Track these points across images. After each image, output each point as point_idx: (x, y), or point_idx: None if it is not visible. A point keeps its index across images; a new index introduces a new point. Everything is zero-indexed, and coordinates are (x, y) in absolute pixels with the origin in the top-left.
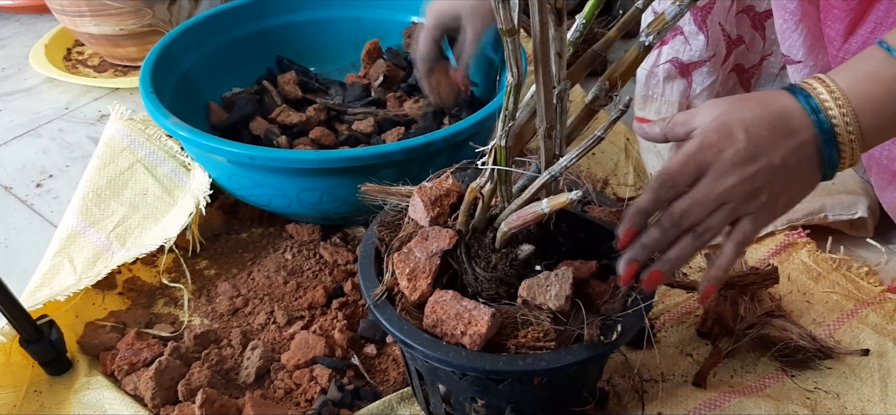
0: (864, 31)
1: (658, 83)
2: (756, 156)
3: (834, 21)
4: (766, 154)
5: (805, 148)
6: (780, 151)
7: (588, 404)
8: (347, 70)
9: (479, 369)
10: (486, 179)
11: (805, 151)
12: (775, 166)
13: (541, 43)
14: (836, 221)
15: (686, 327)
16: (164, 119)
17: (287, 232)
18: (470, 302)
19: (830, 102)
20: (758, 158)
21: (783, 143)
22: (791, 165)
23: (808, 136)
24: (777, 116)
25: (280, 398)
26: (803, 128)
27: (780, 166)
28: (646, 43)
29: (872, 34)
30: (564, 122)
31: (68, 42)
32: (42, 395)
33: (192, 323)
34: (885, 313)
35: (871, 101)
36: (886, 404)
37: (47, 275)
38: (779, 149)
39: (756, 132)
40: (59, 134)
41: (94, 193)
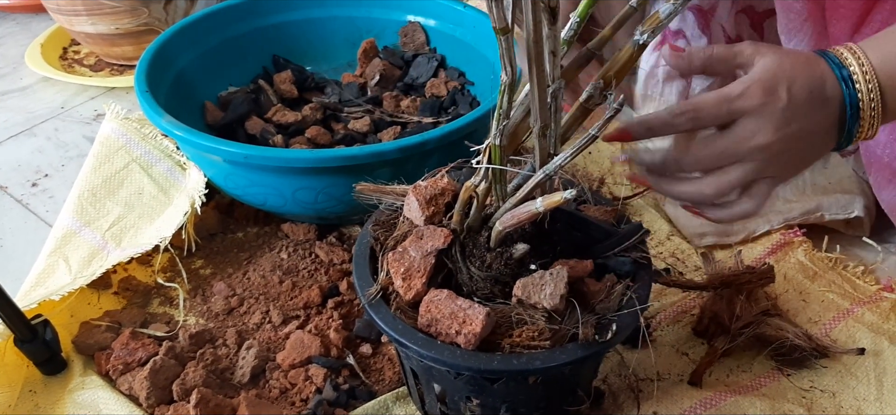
0: (869, 30)
1: (657, 83)
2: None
3: (840, 20)
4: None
5: (832, 118)
6: (814, 118)
7: (583, 403)
8: (343, 69)
9: (473, 369)
10: (481, 178)
11: (831, 122)
12: (805, 132)
13: (534, 42)
14: (832, 221)
15: (682, 326)
16: (159, 118)
17: (282, 231)
18: (465, 301)
19: (859, 75)
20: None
21: (818, 110)
22: (818, 136)
23: (836, 105)
24: (815, 83)
25: (275, 398)
26: (835, 97)
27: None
28: (640, 41)
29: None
30: (559, 121)
31: (64, 41)
32: (37, 395)
33: (187, 322)
34: (881, 312)
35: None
36: (882, 403)
37: (42, 274)
38: (813, 115)
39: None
40: (55, 133)
41: (90, 193)
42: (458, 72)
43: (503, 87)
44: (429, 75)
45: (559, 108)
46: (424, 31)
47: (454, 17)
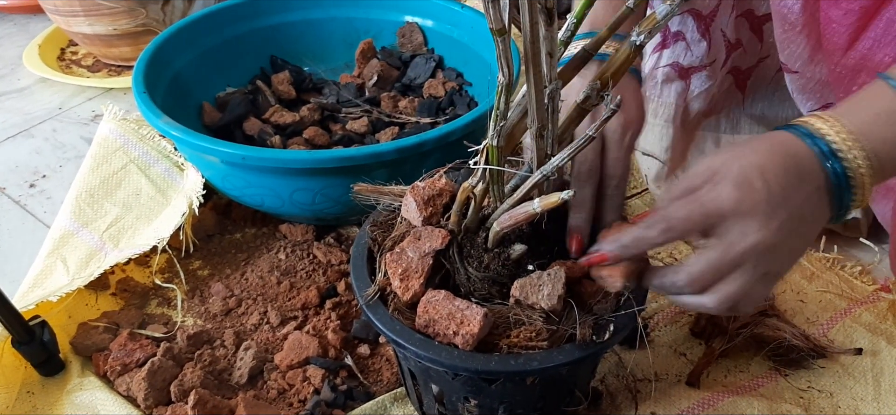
0: (863, 46)
1: (656, 85)
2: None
3: (833, 35)
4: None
5: (819, 192)
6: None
7: (581, 403)
8: (341, 70)
9: (471, 369)
10: (478, 178)
11: (819, 195)
12: (794, 217)
13: (531, 43)
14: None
15: (679, 327)
16: (157, 119)
17: (280, 232)
18: (462, 302)
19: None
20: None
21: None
22: (808, 213)
23: (820, 179)
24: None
25: (273, 399)
26: (815, 170)
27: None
28: (637, 42)
29: (871, 49)
30: (556, 121)
31: (62, 42)
32: (34, 396)
33: (185, 324)
34: (879, 312)
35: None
36: (879, 403)
37: (40, 276)
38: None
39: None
40: (53, 134)
41: (88, 194)
42: (456, 72)
43: (500, 88)
44: (426, 76)
45: (556, 108)
46: (422, 31)
47: (452, 17)
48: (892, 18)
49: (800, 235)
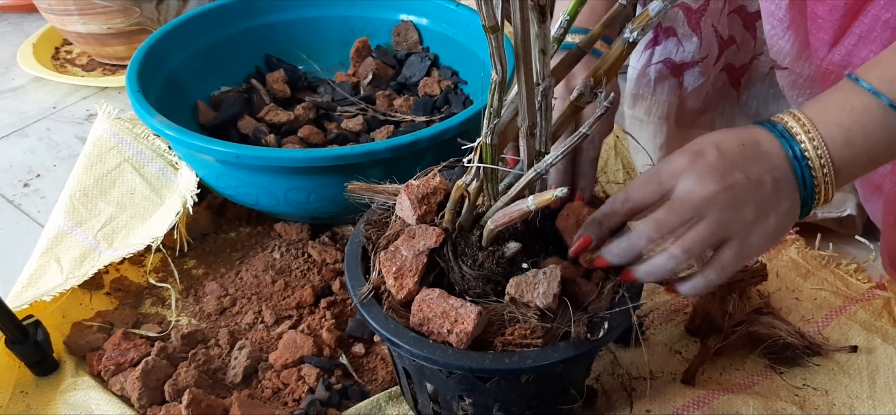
0: (848, 42)
1: (649, 83)
2: (733, 167)
3: (819, 31)
4: (742, 167)
5: (779, 169)
6: (755, 168)
7: (576, 402)
8: (336, 68)
9: (465, 368)
10: (472, 176)
11: (780, 172)
12: (753, 181)
13: (522, 41)
14: (824, 219)
15: (675, 325)
16: (151, 118)
17: (275, 231)
18: (456, 300)
19: (799, 130)
20: (734, 169)
21: (757, 162)
22: (767, 183)
23: (779, 158)
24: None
25: (267, 398)
26: (774, 151)
27: (758, 182)
28: (630, 39)
29: (856, 46)
30: (549, 119)
31: (56, 41)
32: (28, 396)
33: (179, 323)
34: (874, 309)
35: (841, 129)
36: (875, 400)
37: (34, 275)
38: (754, 166)
39: (729, 148)
40: (47, 133)
41: (82, 193)
42: (451, 71)
43: (494, 86)
44: (422, 74)
45: (549, 106)
46: (417, 29)
47: (447, 16)
48: (877, 15)
49: (762, 204)
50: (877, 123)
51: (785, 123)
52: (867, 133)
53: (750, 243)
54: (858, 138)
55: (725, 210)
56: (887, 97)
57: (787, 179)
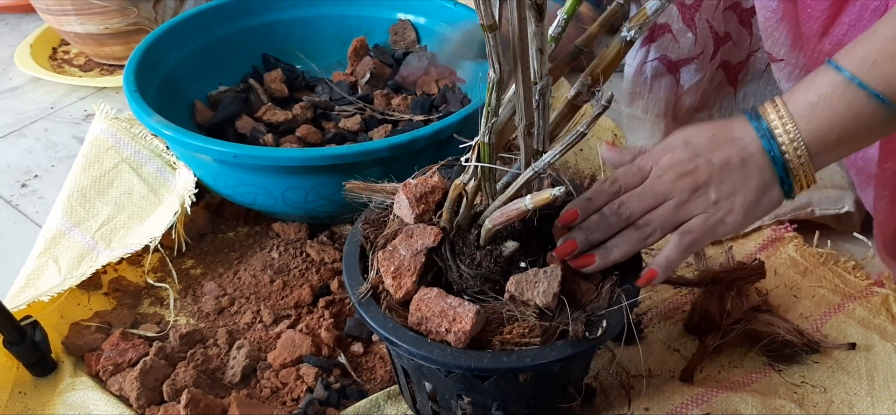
0: (838, 32)
1: (646, 80)
2: (694, 156)
3: (809, 20)
4: (705, 154)
5: (747, 150)
6: (720, 152)
7: (574, 400)
8: (334, 68)
9: (463, 367)
10: (470, 175)
11: (748, 152)
12: (715, 163)
13: (519, 39)
14: (822, 216)
15: (673, 323)
16: (148, 118)
17: (273, 231)
18: (454, 299)
19: (771, 112)
20: (696, 158)
21: (723, 146)
22: (734, 163)
23: (748, 139)
24: (720, 130)
25: (266, 398)
26: (745, 134)
27: (721, 164)
28: (628, 38)
29: (846, 35)
30: (547, 118)
31: (54, 41)
32: (26, 396)
33: (177, 323)
34: (872, 306)
35: (808, 106)
36: (873, 397)
37: (32, 276)
38: (718, 151)
39: (696, 141)
40: (45, 134)
41: (79, 193)
42: (449, 70)
43: (491, 85)
44: (419, 73)
45: (547, 105)
46: (415, 28)
47: (444, 14)
48: (866, 3)
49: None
50: (840, 96)
51: (762, 108)
52: (832, 107)
53: (717, 218)
54: (824, 113)
55: (685, 193)
56: (848, 71)
57: (756, 157)
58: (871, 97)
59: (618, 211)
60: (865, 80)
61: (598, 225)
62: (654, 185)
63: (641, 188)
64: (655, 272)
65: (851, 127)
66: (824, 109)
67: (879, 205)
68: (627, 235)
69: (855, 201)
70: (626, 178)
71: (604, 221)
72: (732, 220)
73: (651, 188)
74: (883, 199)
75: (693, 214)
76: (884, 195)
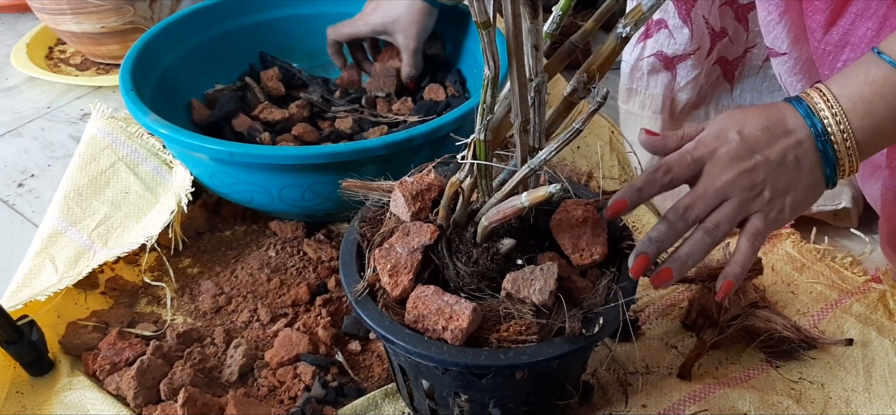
0: (844, 23)
1: (642, 77)
2: (751, 152)
3: (815, 12)
4: (761, 150)
5: (802, 146)
6: (776, 148)
7: (572, 397)
8: (331, 66)
9: (460, 364)
10: (466, 173)
11: (802, 149)
12: (772, 161)
13: (513, 36)
14: (820, 212)
15: (671, 320)
16: (145, 116)
17: (270, 229)
18: (451, 297)
19: (822, 105)
20: (753, 154)
21: (779, 141)
22: (790, 162)
23: (803, 135)
24: (773, 120)
25: (263, 396)
26: (798, 128)
27: (778, 162)
28: (623, 34)
29: (852, 26)
30: (543, 115)
31: (50, 41)
32: (24, 396)
33: (174, 322)
34: (869, 302)
35: (862, 101)
36: (870, 393)
37: (29, 275)
38: (774, 146)
39: (750, 133)
40: (41, 133)
41: (76, 192)
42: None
43: (486, 82)
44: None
45: (543, 102)
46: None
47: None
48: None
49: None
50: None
51: (810, 99)
52: (888, 104)
53: (772, 217)
54: (879, 109)
55: (744, 191)
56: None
57: (809, 155)
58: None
59: (684, 216)
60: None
61: (667, 235)
62: (715, 184)
63: (703, 189)
64: (732, 283)
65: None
66: (880, 104)
67: (888, 196)
68: (699, 242)
69: (852, 197)
70: (680, 168)
71: (672, 229)
72: (782, 218)
73: (714, 189)
74: (891, 189)
75: (751, 213)
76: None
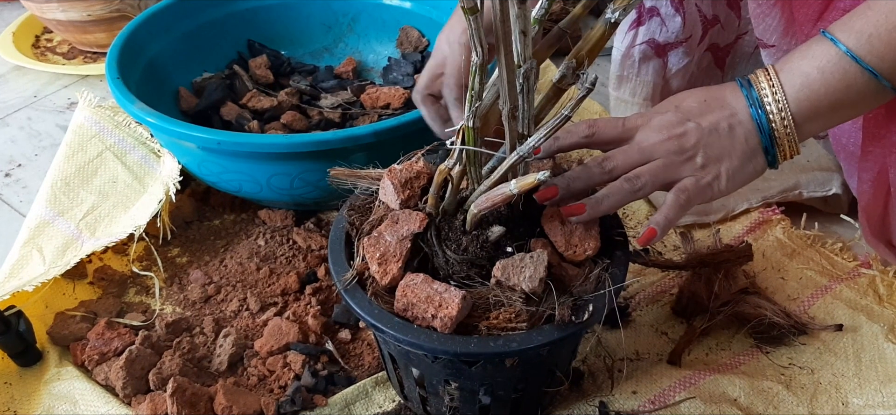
0: (833, 17)
1: (633, 64)
2: (684, 120)
3: (805, 5)
4: (694, 118)
5: (736, 117)
6: (709, 117)
7: (562, 384)
8: (320, 53)
9: (450, 352)
10: (455, 160)
11: (737, 119)
12: (704, 128)
13: (501, 22)
14: (810, 198)
15: (661, 306)
16: (131, 105)
17: (259, 218)
18: (441, 285)
19: (762, 79)
20: (684, 122)
21: (713, 112)
22: (723, 129)
23: (739, 107)
24: (711, 95)
25: (253, 385)
26: (736, 101)
27: (710, 128)
28: (612, 20)
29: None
30: (532, 101)
31: (37, 29)
32: (12, 387)
33: (163, 311)
34: (859, 288)
35: (800, 75)
36: (860, 378)
37: (16, 265)
38: (707, 115)
39: (687, 105)
40: (28, 123)
41: (63, 182)
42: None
43: (474, 69)
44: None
45: (532, 88)
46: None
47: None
48: None
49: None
50: (834, 68)
51: (754, 75)
52: (826, 79)
53: (706, 181)
54: (816, 83)
55: (672, 154)
56: (845, 45)
57: (744, 124)
58: (864, 71)
59: (601, 163)
60: (861, 54)
61: (580, 174)
62: (640, 142)
63: (628, 146)
64: (655, 231)
65: (842, 99)
66: (817, 80)
67: (863, 188)
68: (617, 186)
69: (842, 184)
70: (606, 125)
71: (586, 170)
72: (718, 185)
73: (637, 145)
74: (866, 182)
75: (681, 176)
76: (867, 178)
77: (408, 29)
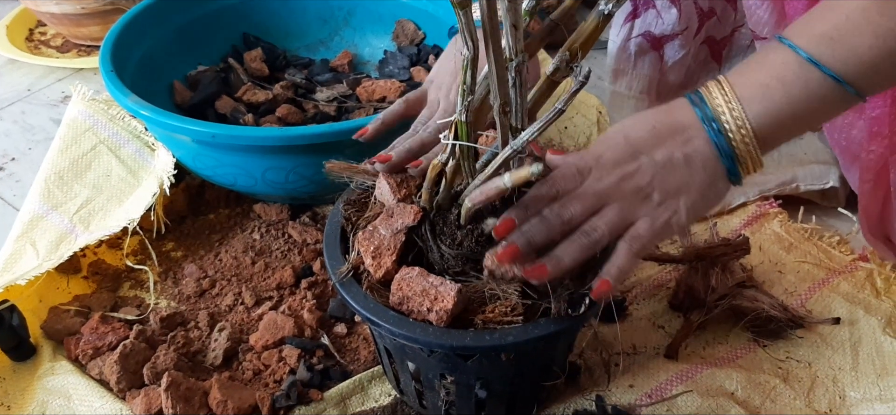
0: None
1: (629, 57)
2: (636, 154)
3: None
4: (647, 151)
5: (691, 143)
6: (662, 149)
7: (558, 378)
8: (315, 46)
9: (445, 346)
10: (448, 154)
11: (692, 146)
12: (658, 162)
13: (489, 17)
14: (807, 191)
15: (658, 300)
16: (125, 98)
17: (255, 212)
18: (436, 278)
19: (716, 93)
20: (637, 156)
21: (666, 141)
22: (678, 160)
23: (694, 131)
24: (661, 120)
25: (248, 380)
26: (689, 122)
27: (664, 161)
28: (605, 11)
29: None
30: (524, 95)
31: (30, 22)
32: (5, 382)
33: (158, 306)
34: (857, 281)
35: (759, 87)
36: (857, 372)
37: (9, 259)
38: (660, 147)
39: (636, 135)
40: (22, 116)
41: (57, 176)
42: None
43: (465, 63)
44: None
45: (523, 82)
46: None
47: None
48: None
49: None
50: (794, 76)
51: (707, 90)
52: (786, 88)
53: (662, 220)
54: (777, 94)
55: (627, 197)
56: (805, 51)
57: (700, 151)
58: (827, 77)
59: (559, 213)
60: (822, 60)
61: (538, 227)
62: (594, 186)
63: (582, 189)
64: (609, 283)
65: (805, 108)
66: (778, 91)
67: (864, 187)
68: (576, 241)
69: (839, 177)
70: (564, 180)
71: (544, 222)
72: (677, 220)
73: (592, 189)
74: (867, 182)
75: (638, 217)
76: (868, 178)
77: (404, 22)
